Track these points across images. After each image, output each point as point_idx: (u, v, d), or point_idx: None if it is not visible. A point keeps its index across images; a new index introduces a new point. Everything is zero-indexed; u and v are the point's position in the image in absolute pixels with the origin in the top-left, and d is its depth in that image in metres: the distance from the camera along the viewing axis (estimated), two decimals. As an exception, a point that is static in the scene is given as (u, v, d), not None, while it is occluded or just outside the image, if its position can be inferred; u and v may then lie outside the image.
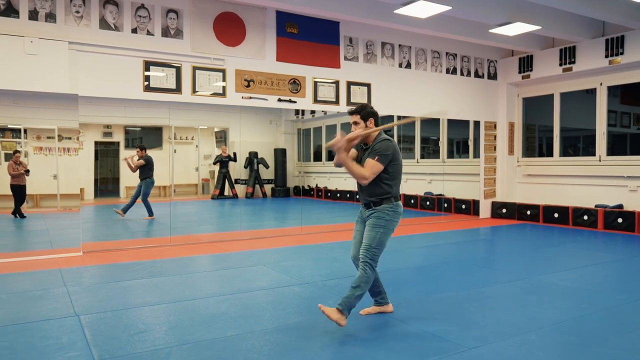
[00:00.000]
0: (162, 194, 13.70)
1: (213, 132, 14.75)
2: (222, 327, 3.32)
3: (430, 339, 3.12)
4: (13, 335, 3.17)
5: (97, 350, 2.90)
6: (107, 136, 13.77)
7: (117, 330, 3.27)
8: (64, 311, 3.65)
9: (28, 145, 11.91)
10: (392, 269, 5.09)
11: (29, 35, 5.58)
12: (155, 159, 14.20)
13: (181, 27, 6.48)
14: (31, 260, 5.58)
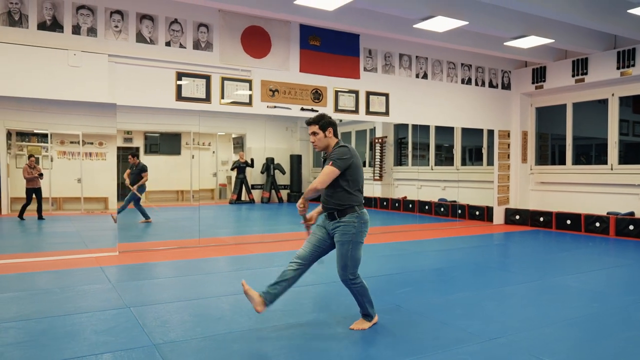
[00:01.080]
0: (180, 198, 14.10)
1: (230, 138, 15.13)
2: (270, 319, 3.64)
3: (453, 331, 3.41)
4: (77, 321, 3.51)
5: (152, 336, 3.23)
6: (127, 142, 14.18)
7: (166, 319, 3.60)
8: (115, 303, 4.00)
9: (52, 149, 12.33)
10: (411, 270, 5.39)
11: (72, 49, 5.98)
12: (174, 165, 14.59)
13: (211, 40, 6.86)
14: (72, 258, 5.95)
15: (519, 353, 3.01)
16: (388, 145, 12.76)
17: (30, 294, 4.32)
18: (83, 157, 12.52)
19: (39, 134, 12.10)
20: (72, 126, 11.91)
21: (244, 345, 3.13)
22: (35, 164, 9.81)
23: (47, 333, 3.30)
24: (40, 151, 11.98)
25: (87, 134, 12.28)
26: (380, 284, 4.77)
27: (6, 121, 11.03)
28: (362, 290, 3.39)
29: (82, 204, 11.76)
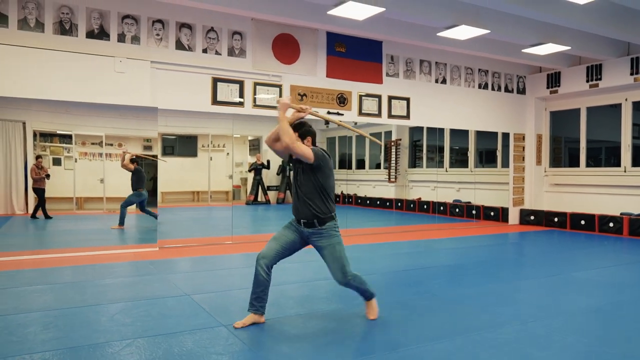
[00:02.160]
0: (195, 199, 14.48)
1: (246, 140, 15.51)
2: (323, 304, 3.98)
3: (491, 316, 3.74)
4: (145, 307, 3.87)
5: (219, 319, 3.58)
6: (147, 150, 14.53)
7: (227, 305, 3.95)
8: (174, 292, 4.36)
9: (73, 150, 12.72)
10: (436, 265, 5.73)
11: (118, 56, 6.37)
12: (190, 166, 14.92)
13: (244, 47, 7.22)
14: (117, 253, 6.32)
15: (552, 333, 3.34)
16: (402, 148, 13.07)
17: (97, 284, 4.69)
18: (105, 158, 12.90)
19: (62, 134, 12.51)
20: (95, 127, 12.30)
21: (294, 328, 3.48)
22: (43, 164, 9.93)
23: (125, 315, 3.66)
24: (62, 152, 12.38)
25: (108, 135, 12.65)
26: (410, 277, 5.11)
27: (33, 122, 11.44)
28: (360, 280, 3.49)
29: (105, 204, 12.14)
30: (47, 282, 4.70)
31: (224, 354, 2.93)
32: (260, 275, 3.40)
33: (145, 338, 3.17)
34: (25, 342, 3.08)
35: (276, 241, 3.45)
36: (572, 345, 3.16)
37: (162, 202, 12.80)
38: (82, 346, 3.01)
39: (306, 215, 3.38)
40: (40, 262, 5.66)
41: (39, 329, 3.32)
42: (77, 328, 3.36)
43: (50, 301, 4.02)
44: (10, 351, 2.93)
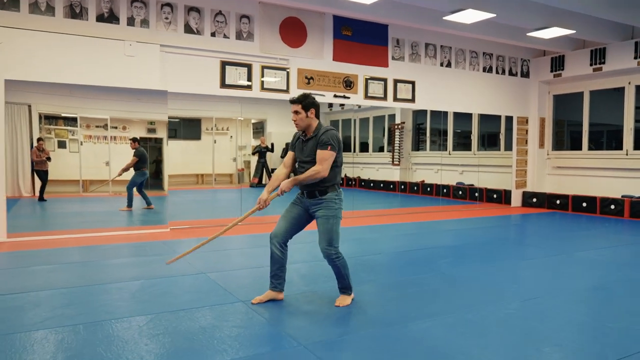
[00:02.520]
0: (199, 181, 14.61)
1: (249, 123, 15.56)
2: (327, 281, 4.13)
3: (497, 291, 3.89)
4: (163, 285, 4.02)
5: (236, 295, 3.73)
6: (150, 132, 14.58)
7: (242, 282, 4.10)
8: (190, 270, 4.50)
9: (78, 133, 12.78)
10: (441, 246, 5.87)
11: (128, 39, 6.43)
12: (194, 149, 15.01)
13: (252, 30, 7.28)
14: (129, 234, 6.47)
15: (555, 309, 3.49)
16: (406, 131, 13.16)
17: (113, 263, 4.84)
18: (110, 140, 12.98)
19: (67, 117, 12.58)
20: (100, 110, 12.36)
21: (309, 304, 3.63)
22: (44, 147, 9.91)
23: (145, 292, 3.81)
24: (67, 135, 12.46)
25: (113, 118, 12.71)
26: (416, 257, 5.26)
27: (39, 105, 11.50)
28: (344, 263, 3.50)
29: (111, 186, 12.27)
30: (63, 262, 4.85)
31: (243, 327, 3.08)
32: (275, 253, 3.53)
33: (166, 313, 3.32)
34: (46, 318, 3.23)
35: (284, 219, 3.56)
36: (575, 320, 3.31)
37: (169, 185, 12.94)
38: (106, 320, 3.16)
39: (309, 186, 3.44)
40: (52, 243, 5.81)
41: (58, 304, 3.47)
42: (98, 304, 3.51)
43: (72, 279, 4.17)
44: (33, 325, 3.08)
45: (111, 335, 2.91)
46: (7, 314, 3.26)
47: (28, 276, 4.26)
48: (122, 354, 2.65)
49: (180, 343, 2.81)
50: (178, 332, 2.98)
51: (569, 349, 2.79)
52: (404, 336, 2.95)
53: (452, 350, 2.74)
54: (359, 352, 2.75)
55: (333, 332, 3.03)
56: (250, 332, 3.00)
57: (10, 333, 2.92)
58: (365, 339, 2.93)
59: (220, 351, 2.71)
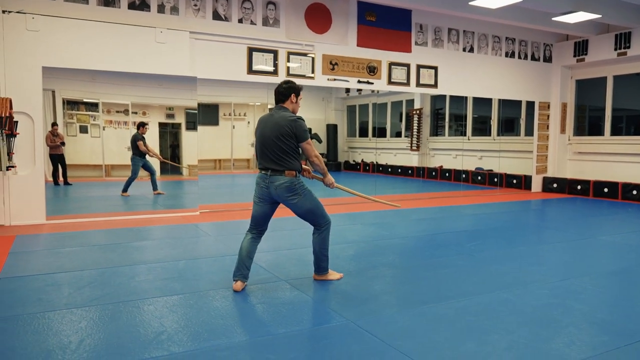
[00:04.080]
0: (217, 167, 14.79)
1: (266, 108, 15.64)
2: (359, 262, 4.27)
3: (528, 274, 4.01)
4: (209, 264, 4.19)
5: (277, 274, 3.89)
6: (169, 118, 14.73)
7: (281, 262, 4.26)
8: (229, 251, 4.67)
9: (100, 118, 12.97)
10: (466, 230, 5.98)
11: (159, 26, 6.55)
12: (212, 135, 15.16)
13: (278, 17, 7.36)
14: (160, 217, 6.66)
15: (587, 290, 3.60)
16: (424, 116, 13.18)
17: (154, 243, 5.02)
18: (129, 126, 13.16)
19: (88, 103, 12.78)
20: (122, 96, 12.53)
21: (347, 285, 3.78)
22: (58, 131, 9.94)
23: (186, 272, 3.98)
24: (89, 120, 12.66)
25: (134, 103, 12.87)
26: (444, 239, 5.38)
27: (62, 91, 11.69)
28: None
29: (130, 172, 12.47)
30: (102, 243, 5.05)
31: (289, 304, 3.23)
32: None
33: (219, 290, 3.48)
34: (93, 298, 3.41)
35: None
36: (608, 300, 3.42)
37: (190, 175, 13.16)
38: (154, 298, 3.34)
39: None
40: (88, 225, 6.01)
41: (85, 283, 3.66)
42: (139, 284, 3.69)
43: (114, 258, 4.36)
44: (81, 302, 3.26)
45: (162, 310, 3.07)
46: (64, 290, 3.45)
47: (73, 256, 4.46)
48: (171, 325, 2.81)
49: (225, 318, 2.97)
50: (222, 307, 3.15)
51: (609, 327, 2.90)
52: (442, 314, 3.09)
53: (494, 327, 2.87)
54: (406, 326, 2.89)
55: (372, 310, 3.17)
56: (294, 308, 3.16)
57: (58, 309, 3.11)
58: (407, 315, 3.06)
59: (264, 326, 2.87)
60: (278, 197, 3.53)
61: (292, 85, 3.59)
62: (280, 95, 3.58)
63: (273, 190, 3.49)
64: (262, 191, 3.54)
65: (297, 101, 3.62)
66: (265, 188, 3.51)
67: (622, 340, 2.71)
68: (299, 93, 3.62)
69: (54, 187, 9.85)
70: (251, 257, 3.62)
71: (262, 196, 3.56)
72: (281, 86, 3.59)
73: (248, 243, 3.63)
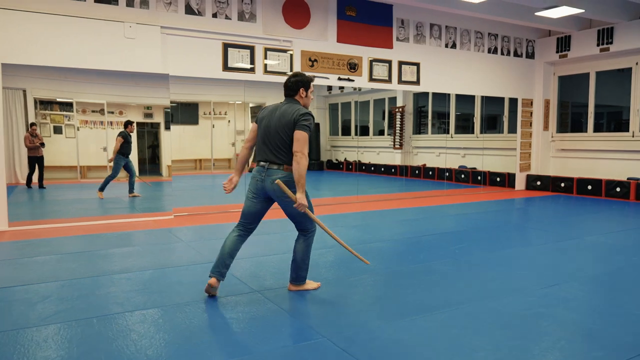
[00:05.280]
0: (197, 167, 14.44)
1: (247, 107, 15.34)
2: (339, 269, 4.03)
3: (516, 280, 3.81)
4: (175, 274, 3.91)
5: (250, 284, 3.63)
6: (148, 117, 14.31)
7: (254, 271, 4.00)
8: (200, 259, 4.40)
9: (74, 118, 12.53)
10: (452, 231, 5.79)
11: (128, 21, 6.23)
12: (192, 134, 14.78)
13: (254, 11, 7.08)
14: (134, 221, 6.35)
15: (579, 296, 3.42)
16: (407, 114, 13.01)
17: (119, 253, 4.72)
18: (107, 126, 12.74)
19: (62, 102, 12.33)
20: (97, 95, 12.11)
21: (324, 293, 3.54)
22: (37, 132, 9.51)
23: (153, 283, 3.70)
24: (63, 120, 12.22)
25: (109, 103, 12.46)
26: (427, 242, 5.17)
27: (33, 90, 11.25)
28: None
29: (109, 172, 12.09)
30: (68, 251, 4.74)
31: (263, 320, 2.98)
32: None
33: (181, 305, 3.22)
34: (57, 312, 3.12)
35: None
36: (600, 308, 3.23)
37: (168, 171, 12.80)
38: (119, 313, 3.06)
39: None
40: (55, 232, 5.69)
41: (54, 299, 3.36)
42: (109, 296, 3.41)
43: (79, 269, 4.06)
44: (43, 319, 2.97)
45: (127, 329, 2.80)
46: (15, 308, 3.15)
47: (33, 267, 4.15)
48: (141, 349, 2.55)
49: (199, 336, 2.72)
50: (195, 325, 2.88)
51: (603, 340, 2.71)
52: (425, 327, 2.87)
53: (481, 342, 2.66)
54: (387, 344, 2.66)
55: (352, 324, 2.94)
56: (269, 324, 2.91)
57: (20, 328, 2.82)
58: (388, 331, 2.84)
59: (240, 345, 2.62)
60: (273, 194, 3.28)
61: (300, 79, 3.32)
62: (289, 89, 3.33)
63: (269, 184, 3.25)
64: (256, 185, 3.32)
65: (308, 94, 3.33)
66: (261, 181, 3.29)
67: (619, 356, 2.51)
68: (309, 86, 3.33)
69: (27, 190, 9.45)
70: (233, 255, 3.39)
71: (256, 191, 3.34)
72: (289, 79, 3.34)
73: (232, 240, 3.41)
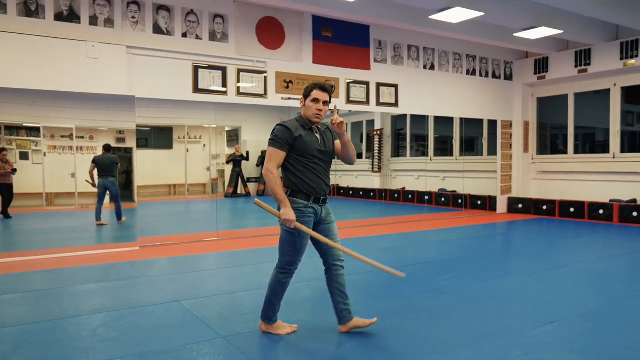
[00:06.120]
0: (172, 192, 13.95)
1: (223, 131, 15.00)
2: (316, 308, 3.65)
3: (510, 316, 3.48)
4: (132, 317, 3.48)
5: (216, 328, 3.22)
6: (120, 142, 13.87)
7: (222, 311, 3.59)
8: (162, 297, 3.96)
9: (42, 144, 12.01)
10: (426, 261, 5.47)
11: (90, 40, 5.86)
12: (166, 159, 14.32)
13: (227, 31, 6.79)
14: (95, 254, 5.86)
15: (584, 335, 3.10)
16: (385, 137, 12.81)
17: (75, 291, 4.26)
18: (76, 151, 12.24)
19: (29, 127, 11.80)
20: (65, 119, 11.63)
21: (303, 341, 3.15)
22: (8, 158, 9.04)
23: (110, 328, 3.26)
24: (30, 145, 11.68)
25: (79, 127, 11.98)
26: (411, 273, 4.83)
27: (0, 115, 10.74)
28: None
29: (77, 199, 11.54)
30: (18, 290, 4.25)
31: (228, 373, 2.58)
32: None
33: (135, 356, 2.79)
34: (-4, 366, 2.67)
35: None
36: (612, 352, 2.92)
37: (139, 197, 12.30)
38: (64, 369, 2.63)
39: (325, 188, 3.14)
40: (9, 267, 5.18)
41: (9, 349, 2.91)
42: (54, 346, 2.96)
43: (23, 313, 3.59)
44: (-22, 379, 2.52)
45: (65, 392, 2.37)
46: (-62, 365, 2.69)
47: (-29, 311, 3.66)
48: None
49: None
50: (148, 383, 2.47)
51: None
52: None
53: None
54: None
55: (334, 376, 2.56)
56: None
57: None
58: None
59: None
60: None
61: (305, 88, 3.07)
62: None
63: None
64: None
65: (306, 103, 3.01)
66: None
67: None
68: (306, 94, 3.01)
69: (2, 220, 8.83)
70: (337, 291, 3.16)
71: None
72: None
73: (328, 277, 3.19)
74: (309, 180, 2.99)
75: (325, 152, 3.05)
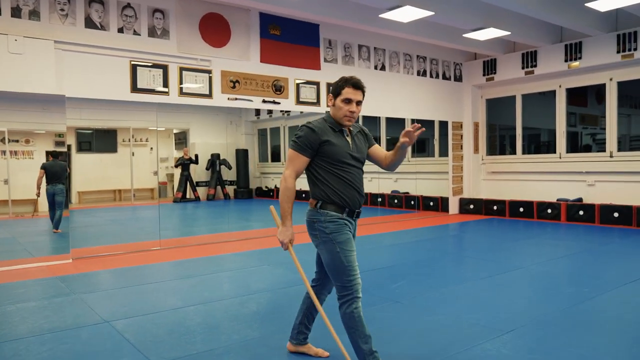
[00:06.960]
0: (117, 198, 13.26)
1: (171, 133, 14.43)
2: (263, 325, 3.37)
3: (467, 326, 3.31)
4: (52, 343, 3.08)
5: (149, 354, 2.88)
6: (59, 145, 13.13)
7: (157, 332, 3.24)
8: (90, 319, 3.57)
9: (-29, 149, 11.15)
10: (379, 267, 5.29)
11: (13, 34, 5.34)
12: (111, 163, 13.62)
13: (167, 27, 6.39)
14: (21, 268, 5.33)
15: (549, 343, 2.96)
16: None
17: None
18: (10, 155, 11.43)
19: (-45, 131, 10.92)
20: (-6, 122, 10.84)
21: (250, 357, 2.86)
22: None
23: (28, 355, 2.85)
24: (-46, 151, 10.80)
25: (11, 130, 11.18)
26: (368, 279, 4.61)
27: None
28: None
29: (10, 207, 10.75)
30: None
31: (157, 408, 2.26)
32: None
33: (49, 392, 2.42)
34: None
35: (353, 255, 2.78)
36: (569, 357, 2.78)
37: (79, 203, 11.60)
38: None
39: (360, 199, 2.76)
40: None
41: None
42: (-46, 383, 2.54)
43: None
44: None
45: None
46: None
47: None
48: None
49: None
50: None
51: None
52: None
53: None
54: None
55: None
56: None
57: None
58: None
59: None
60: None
61: (332, 84, 2.64)
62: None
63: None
64: None
65: (335, 103, 2.60)
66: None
67: None
68: (336, 92, 2.59)
69: None
70: (308, 313, 2.87)
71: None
72: None
73: (306, 295, 2.85)
74: (340, 190, 2.57)
75: (357, 158, 2.66)
